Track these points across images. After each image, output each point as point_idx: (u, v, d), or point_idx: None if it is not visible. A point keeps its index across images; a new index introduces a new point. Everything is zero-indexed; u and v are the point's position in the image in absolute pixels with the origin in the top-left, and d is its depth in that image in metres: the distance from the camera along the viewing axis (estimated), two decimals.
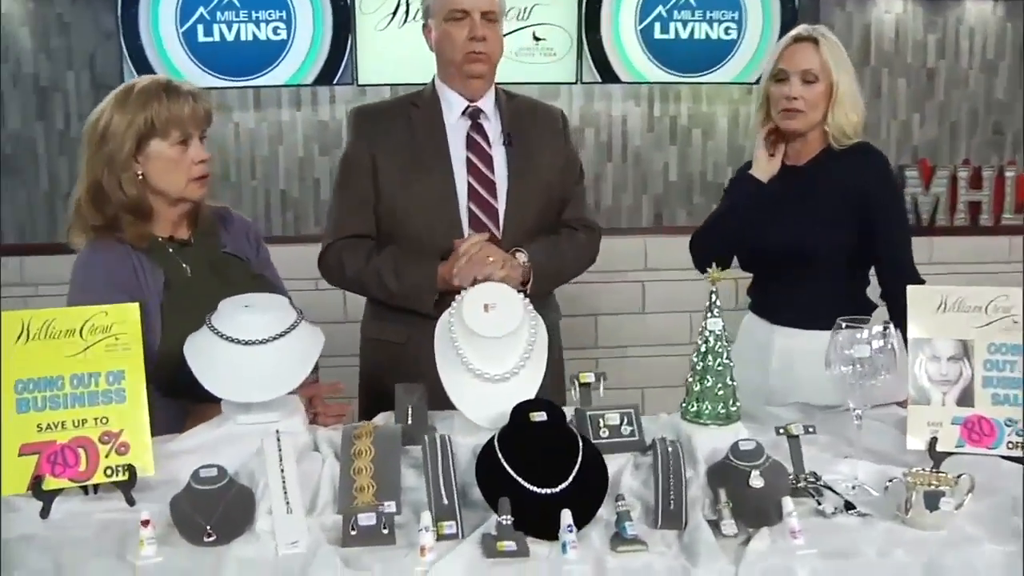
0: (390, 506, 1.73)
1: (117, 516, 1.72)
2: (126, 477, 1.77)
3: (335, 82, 4.51)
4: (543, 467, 1.71)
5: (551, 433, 1.77)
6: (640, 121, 4.88)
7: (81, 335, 1.82)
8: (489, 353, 1.91)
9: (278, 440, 1.76)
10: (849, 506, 1.72)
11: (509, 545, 1.56)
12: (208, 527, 1.62)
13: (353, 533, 1.62)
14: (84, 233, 2.19)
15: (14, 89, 4.46)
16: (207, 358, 1.89)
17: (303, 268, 2.83)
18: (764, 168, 2.54)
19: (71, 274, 2.17)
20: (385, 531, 1.63)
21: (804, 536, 1.58)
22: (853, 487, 1.80)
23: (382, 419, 2.07)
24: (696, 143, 4.93)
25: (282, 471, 1.70)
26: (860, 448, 1.88)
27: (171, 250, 2.23)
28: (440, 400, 1.96)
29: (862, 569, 1.56)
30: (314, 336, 1.98)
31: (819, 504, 1.72)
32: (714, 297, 1.90)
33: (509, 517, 1.59)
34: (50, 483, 1.75)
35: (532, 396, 1.89)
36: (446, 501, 1.69)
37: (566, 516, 1.57)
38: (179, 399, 2.08)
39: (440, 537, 1.61)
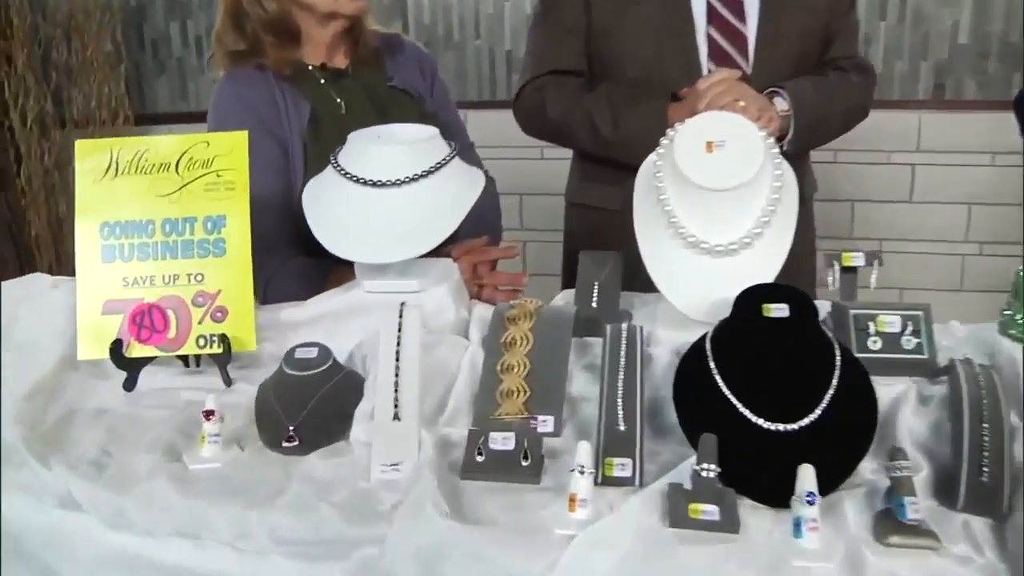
0: (544, 423, 1.13)
1: (206, 397, 1.24)
2: (220, 350, 1.28)
3: None
4: (777, 389, 1.04)
5: (793, 337, 1.09)
6: None
7: (177, 170, 1.33)
8: (711, 213, 1.23)
9: (400, 315, 1.19)
10: None
11: (708, 511, 0.92)
12: (291, 428, 1.10)
13: (480, 459, 1.04)
14: (224, 62, 1.69)
15: None
16: (328, 206, 1.34)
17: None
18: None
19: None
20: (526, 462, 1.04)
21: None
22: None
23: (561, 299, 1.44)
24: None
25: (397, 361, 1.14)
26: None
27: (322, 80, 1.69)
28: (644, 279, 1.30)
29: None
30: (470, 177, 1.38)
31: None
32: None
33: (714, 466, 0.94)
34: (135, 349, 1.29)
35: (769, 279, 1.20)
36: (623, 426, 1.06)
37: (806, 475, 0.90)
38: (325, 258, 1.57)
39: (605, 480, 1.00)
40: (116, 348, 1.28)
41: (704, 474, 0.94)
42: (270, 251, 1.55)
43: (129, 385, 1.29)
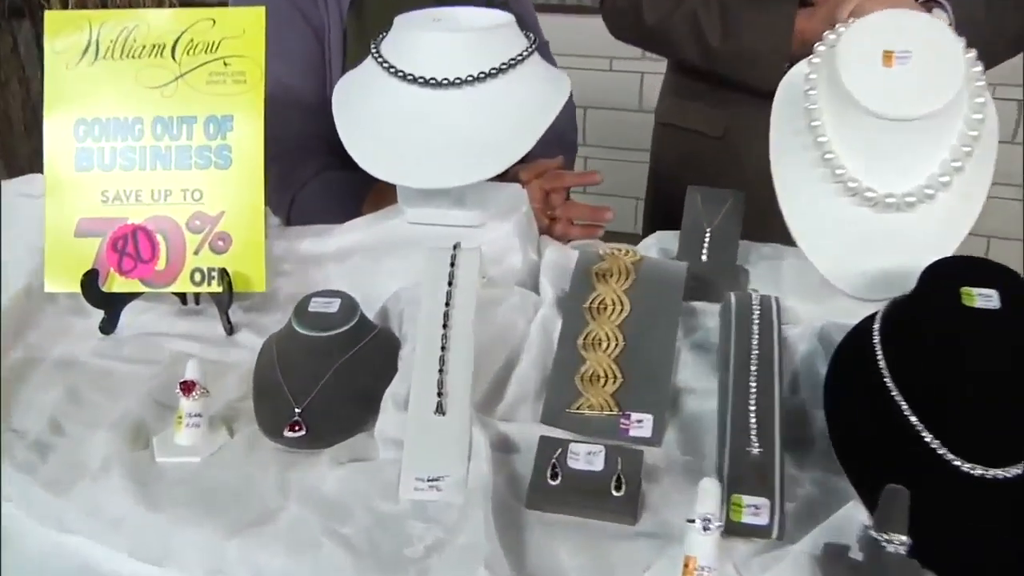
0: (640, 424, 0.80)
1: (199, 350, 0.94)
2: (219, 289, 0.97)
3: None
4: (984, 416, 0.70)
5: (1006, 339, 0.73)
6: None
7: (174, 55, 0.99)
8: (882, 151, 0.87)
9: (453, 262, 0.86)
10: None
11: None
12: (297, 411, 0.79)
13: (554, 483, 0.72)
14: None
15: None
16: (365, 110, 1.00)
17: (599, 44, 1.81)
18: None
19: None
20: (618, 492, 0.71)
21: None
22: None
23: (654, 243, 1.10)
24: None
25: (445, 327, 0.81)
26: None
27: None
28: (775, 228, 0.95)
29: None
30: (553, 79, 1.02)
31: None
32: None
33: (904, 538, 0.61)
34: (114, 282, 0.98)
35: (952, 246, 0.85)
36: (756, 448, 0.73)
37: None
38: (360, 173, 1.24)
39: (729, 527, 0.68)
40: (90, 280, 0.97)
41: (889, 547, 0.61)
42: (298, 161, 1.22)
43: (107, 327, 0.99)
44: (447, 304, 0.82)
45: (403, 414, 0.77)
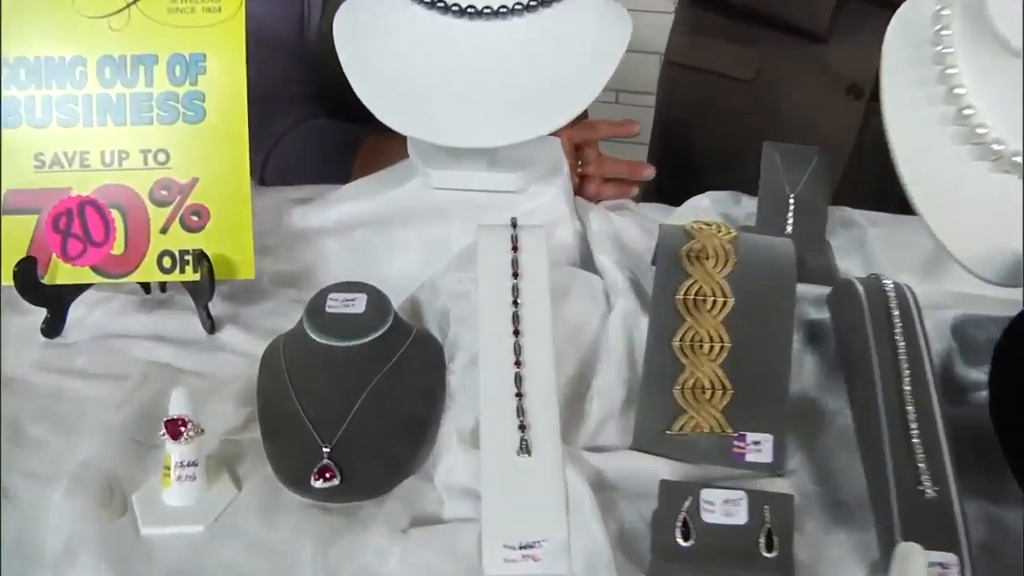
0: (757, 448, 0.63)
1: (174, 356, 0.72)
2: (197, 276, 0.74)
3: None
4: None
5: None
6: None
7: None
8: None
9: (515, 244, 0.66)
10: None
11: None
12: (326, 451, 0.58)
13: (686, 544, 0.54)
14: None
15: None
16: (374, 45, 0.77)
17: None
18: None
19: None
20: (770, 553, 0.53)
21: None
22: None
23: (709, 208, 0.91)
24: None
25: (517, 335, 0.61)
26: None
27: None
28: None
29: None
30: (613, 10, 0.80)
31: None
32: None
33: None
34: (59, 272, 0.75)
35: None
36: (930, 489, 0.56)
37: None
38: (352, 123, 1.01)
39: None
40: (26, 270, 0.74)
41: None
42: (273, 110, 0.99)
43: (51, 328, 0.76)
44: (515, 302, 0.62)
45: (473, 455, 0.57)
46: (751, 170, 0.96)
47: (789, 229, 0.81)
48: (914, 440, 0.58)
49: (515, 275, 0.64)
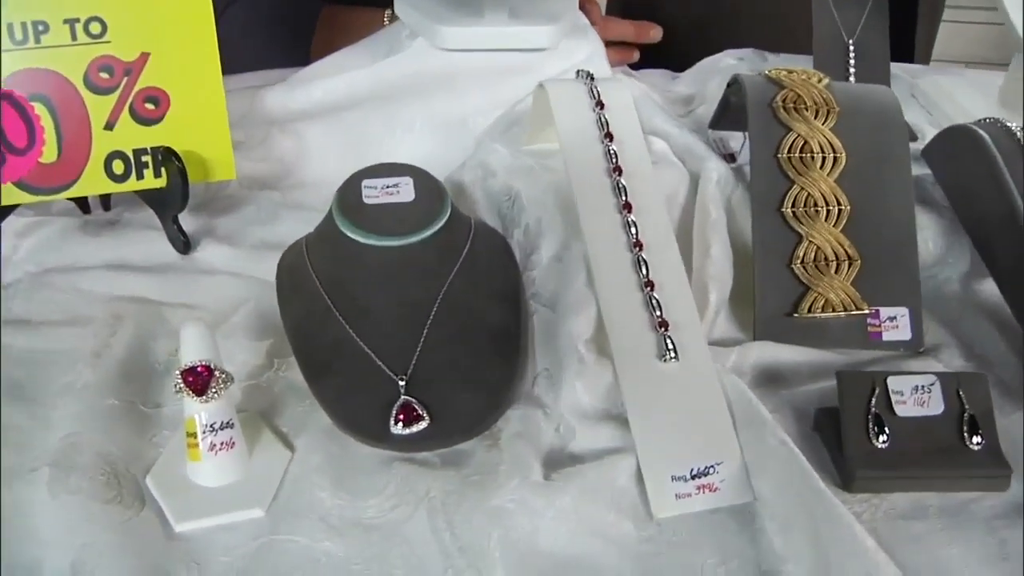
0: (893, 324, 0.52)
1: (148, 287, 0.53)
2: (161, 180, 0.55)
3: None
4: None
5: None
6: None
7: None
8: None
9: (599, 99, 0.50)
10: None
11: None
12: (402, 384, 0.42)
13: (881, 445, 0.41)
14: None
15: None
16: None
17: None
18: None
19: None
20: (975, 444, 0.42)
21: None
22: None
23: (734, 67, 0.78)
24: None
25: (627, 209, 0.46)
26: None
27: None
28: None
29: None
30: None
31: None
32: None
33: None
34: None
35: None
36: None
37: None
38: None
39: None
40: None
41: None
42: None
43: None
44: (616, 170, 0.47)
45: (604, 367, 0.43)
46: (729, 27, 0.83)
47: (852, 79, 0.68)
48: None
49: (608, 137, 0.48)
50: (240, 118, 0.65)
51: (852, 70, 0.68)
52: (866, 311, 0.51)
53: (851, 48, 0.68)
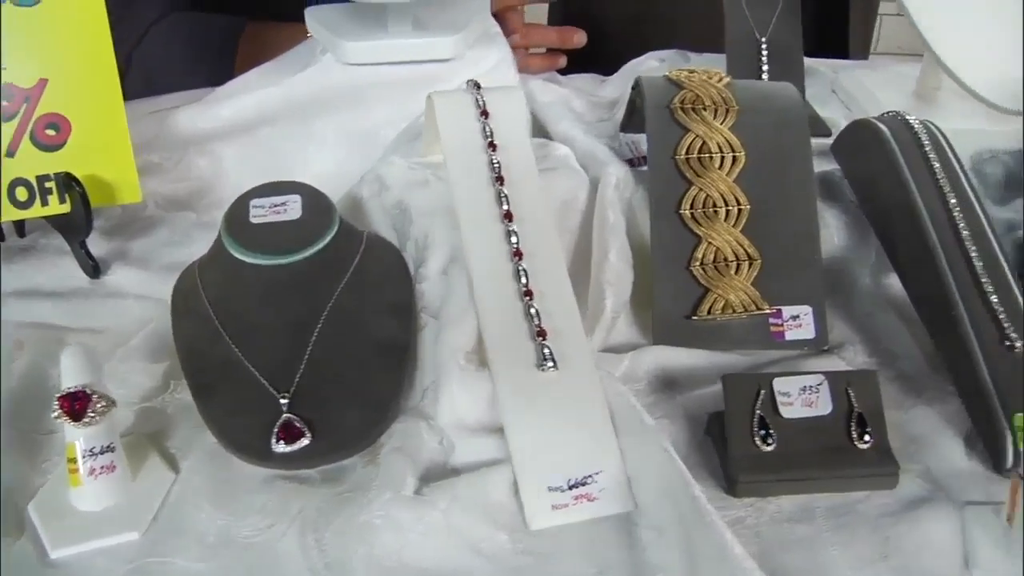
0: (796, 323, 0.52)
1: (54, 313, 0.53)
2: (65, 206, 0.54)
3: None
4: None
5: None
6: None
7: None
8: None
9: (483, 108, 0.49)
10: None
11: None
12: (284, 401, 0.42)
13: (768, 448, 0.41)
14: None
15: None
16: None
17: None
18: None
19: None
20: (863, 443, 0.41)
21: None
22: None
23: (657, 68, 0.77)
24: None
25: (508, 218, 0.46)
26: None
27: None
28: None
29: None
30: None
31: None
32: None
33: None
34: None
35: None
36: (1020, 342, 0.45)
37: None
38: (227, 13, 0.82)
39: None
40: None
41: None
42: (127, 3, 0.77)
43: None
44: (498, 180, 0.46)
45: (479, 378, 0.42)
46: (664, 28, 0.83)
47: (765, 77, 0.68)
48: (988, 291, 0.47)
49: (491, 147, 0.47)
50: (156, 139, 0.65)
51: (765, 68, 0.67)
52: (768, 311, 0.51)
53: (764, 46, 0.68)
